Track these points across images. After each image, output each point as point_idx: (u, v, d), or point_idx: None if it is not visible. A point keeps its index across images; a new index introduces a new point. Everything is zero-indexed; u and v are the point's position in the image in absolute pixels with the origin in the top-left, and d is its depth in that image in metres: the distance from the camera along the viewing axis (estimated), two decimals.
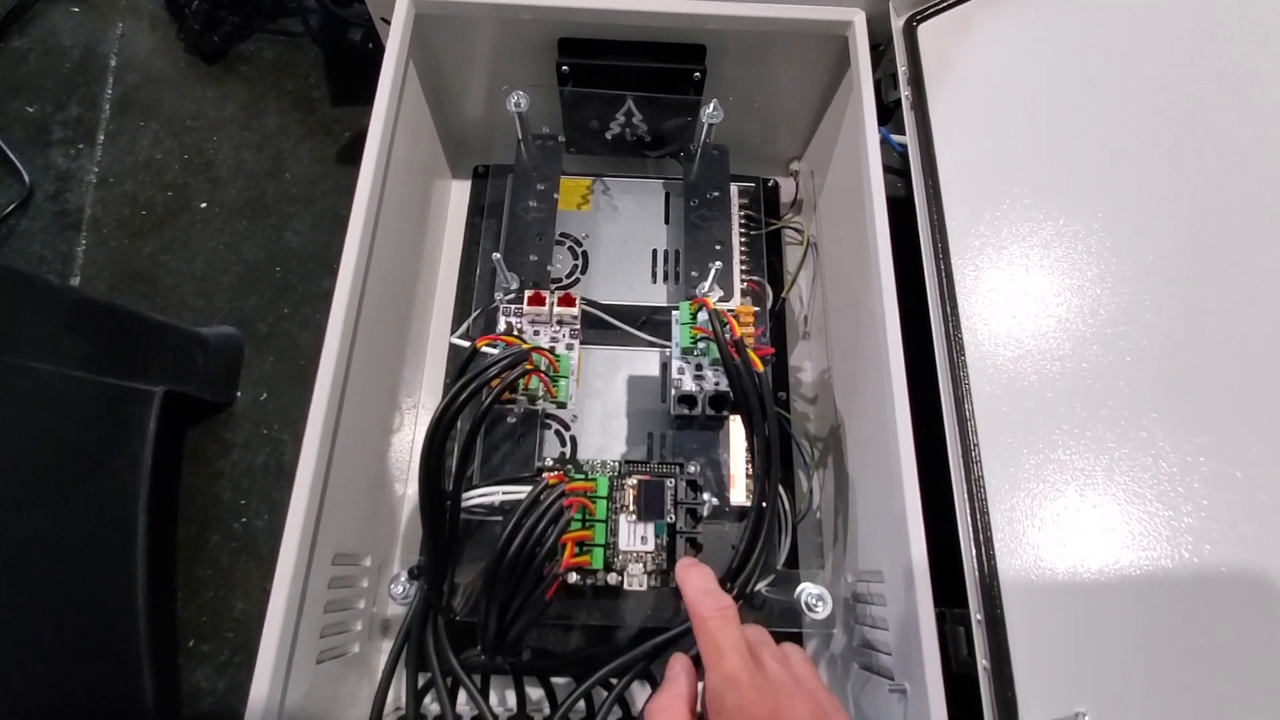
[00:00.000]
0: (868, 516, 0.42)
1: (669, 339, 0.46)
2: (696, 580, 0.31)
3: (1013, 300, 0.37)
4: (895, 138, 0.56)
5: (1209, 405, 0.32)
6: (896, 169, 0.63)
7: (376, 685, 0.44)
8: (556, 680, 0.43)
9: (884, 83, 0.47)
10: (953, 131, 0.42)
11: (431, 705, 0.42)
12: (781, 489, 0.43)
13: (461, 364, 0.38)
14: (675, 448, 0.45)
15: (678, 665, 0.31)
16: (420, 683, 0.39)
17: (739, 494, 0.45)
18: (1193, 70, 0.37)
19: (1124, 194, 0.37)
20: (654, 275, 0.53)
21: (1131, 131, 0.38)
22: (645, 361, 0.50)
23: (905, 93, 0.44)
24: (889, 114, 0.47)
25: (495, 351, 0.38)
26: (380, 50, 0.45)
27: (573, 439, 0.47)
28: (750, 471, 0.44)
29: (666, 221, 0.55)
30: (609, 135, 0.52)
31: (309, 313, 0.58)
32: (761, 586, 0.40)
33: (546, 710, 0.43)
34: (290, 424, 0.54)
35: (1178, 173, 0.36)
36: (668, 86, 0.50)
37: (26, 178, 0.61)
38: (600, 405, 0.48)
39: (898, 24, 0.47)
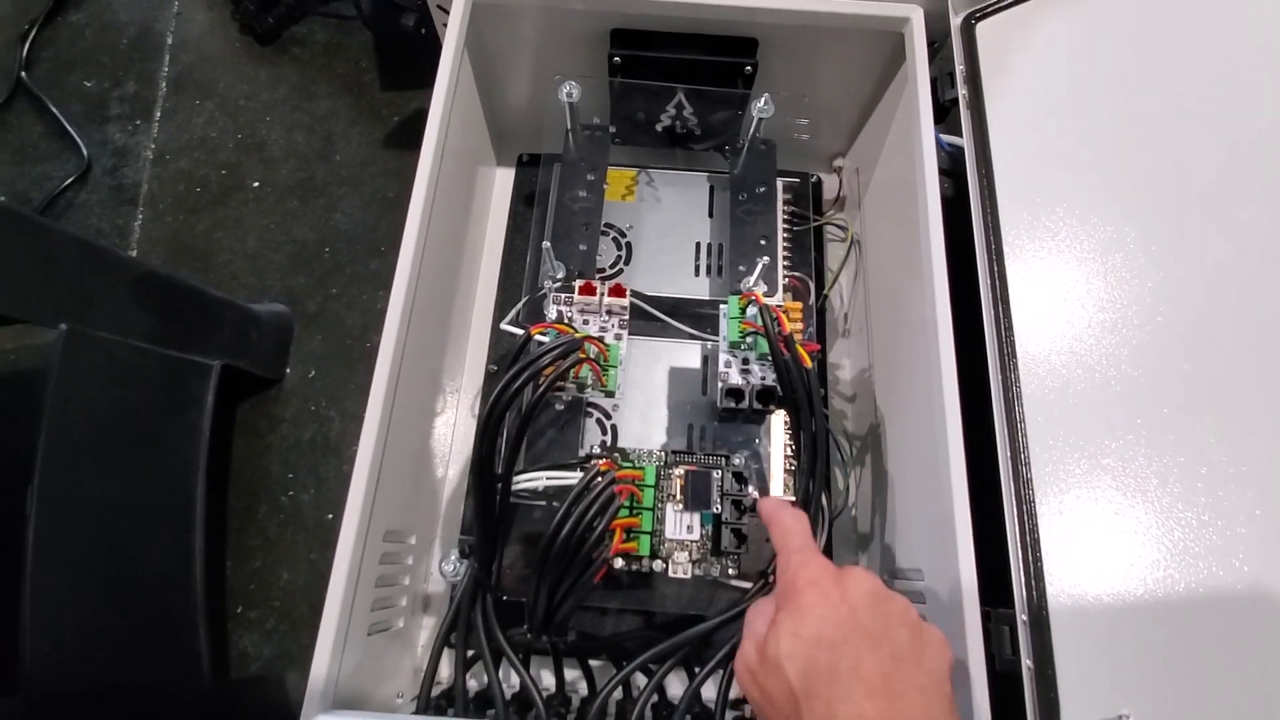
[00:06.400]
0: (908, 515, 0.43)
1: (709, 332, 0.47)
2: (776, 501, 0.35)
3: (1068, 305, 0.37)
4: (945, 138, 0.56)
5: (1269, 417, 0.31)
6: (944, 169, 0.63)
7: (417, 659, 0.45)
8: (594, 663, 0.44)
9: (940, 81, 0.46)
10: (1009, 132, 0.42)
11: (470, 680, 0.43)
12: None
13: (515, 351, 0.39)
14: (716, 440, 0.46)
15: None
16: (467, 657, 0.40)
17: (777, 488, 0.46)
18: (1263, 79, 0.37)
19: (1188, 200, 0.36)
20: (697, 269, 0.53)
21: (1196, 137, 0.37)
22: (686, 354, 0.50)
23: (962, 91, 0.44)
24: (944, 113, 0.47)
25: (547, 340, 0.39)
26: (433, 36, 0.45)
27: (614, 428, 0.48)
28: (789, 467, 0.45)
29: (710, 215, 0.55)
30: (658, 127, 0.53)
31: (356, 293, 0.59)
32: None
33: (584, 690, 0.44)
34: (337, 401, 0.56)
35: (1246, 180, 0.35)
36: (718, 80, 0.50)
37: (85, 152, 0.63)
38: (641, 396, 0.49)
39: (955, 21, 0.46)
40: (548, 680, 0.44)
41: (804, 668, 0.26)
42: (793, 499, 0.41)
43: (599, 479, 0.35)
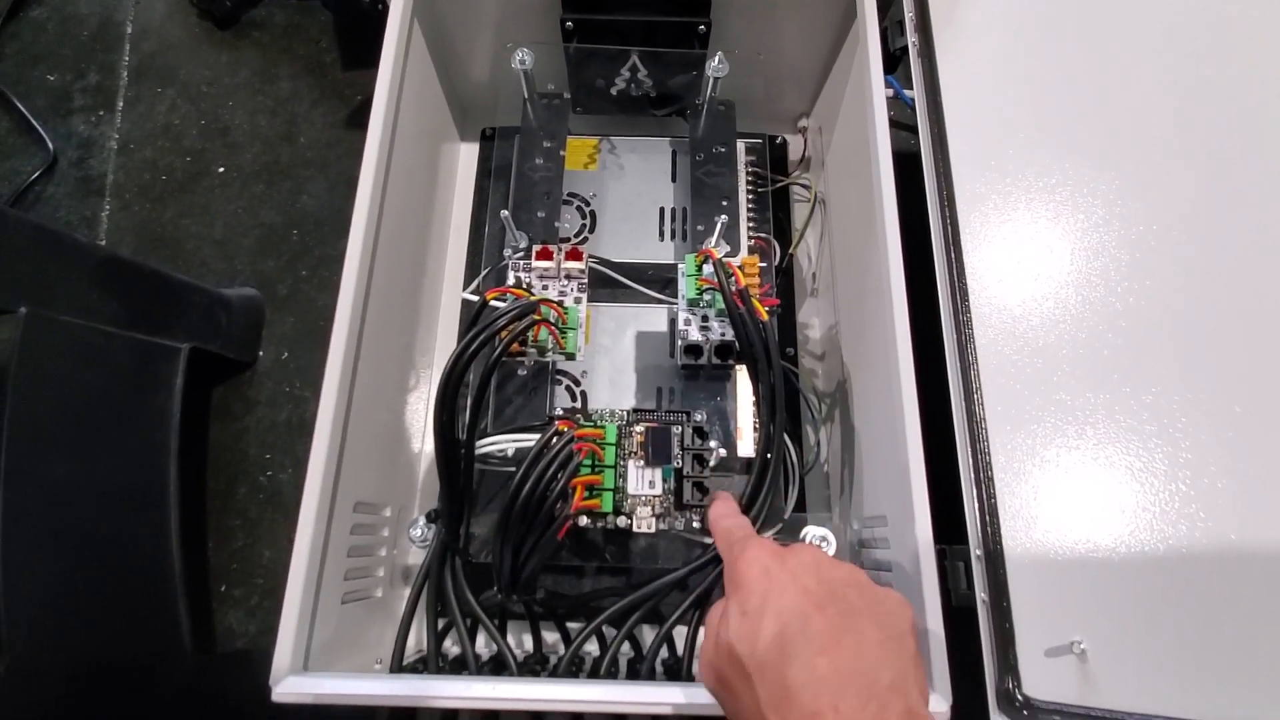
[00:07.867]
0: (872, 464, 0.43)
1: (677, 296, 0.47)
2: (720, 506, 0.35)
3: (1019, 244, 0.37)
4: (906, 92, 0.55)
5: (1214, 345, 0.32)
6: (908, 125, 0.62)
7: (399, 627, 0.46)
8: (572, 625, 0.45)
9: (890, 30, 0.46)
10: (960, 76, 0.42)
11: (452, 648, 0.44)
12: (789, 441, 0.44)
13: (472, 317, 0.39)
14: (684, 400, 0.46)
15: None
16: (440, 625, 0.41)
17: (746, 447, 0.46)
18: (1211, 13, 0.37)
19: (1140, 139, 0.36)
20: (662, 233, 0.53)
21: (1144, 75, 0.37)
22: (654, 318, 0.51)
23: (912, 40, 0.44)
24: (895, 62, 0.47)
25: (504, 304, 0.39)
26: (389, 13, 0.45)
27: (583, 394, 0.48)
28: (758, 424, 0.45)
29: (674, 180, 0.55)
30: (614, 91, 0.52)
31: (326, 275, 0.59)
32: (769, 535, 0.41)
33: (562, 652, 0.44)
34: (311, 382, 0.56)
35: (1190, 115, 0.35)
36: (673, 40, 0.49)
37: (50, 145, 0.63)
38: (609, 362, 0.49)
39: None
40: (527, 643, 0.45)
41: (753, 641, 0.25)
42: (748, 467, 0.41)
43: (558, 437, 0.36)
